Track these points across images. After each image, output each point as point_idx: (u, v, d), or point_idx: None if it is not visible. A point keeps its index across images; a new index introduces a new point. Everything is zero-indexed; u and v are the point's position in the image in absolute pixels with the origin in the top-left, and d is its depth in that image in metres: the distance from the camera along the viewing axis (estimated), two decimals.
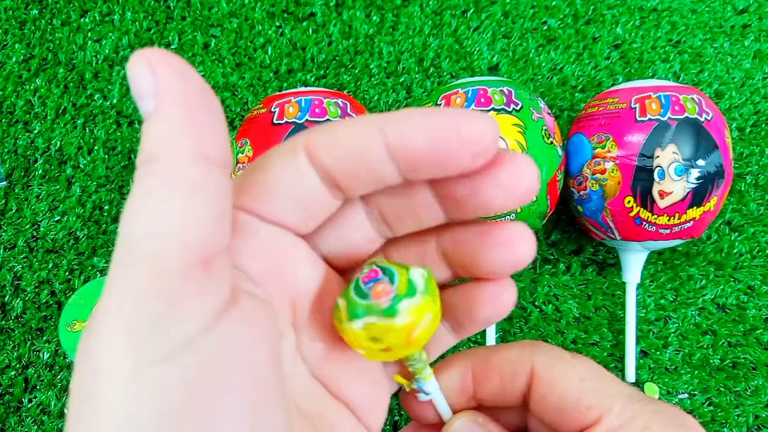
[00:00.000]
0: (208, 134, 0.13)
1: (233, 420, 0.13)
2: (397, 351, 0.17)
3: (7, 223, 0.39)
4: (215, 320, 0.13)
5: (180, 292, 0.12)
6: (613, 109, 0.33)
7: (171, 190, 0.12)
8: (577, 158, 0.34)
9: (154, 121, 0.13)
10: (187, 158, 0.13)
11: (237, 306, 0.14)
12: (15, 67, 0.41)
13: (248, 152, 0.32)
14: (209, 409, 0.12)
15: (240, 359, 0.13)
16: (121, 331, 0.12)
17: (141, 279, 0.12)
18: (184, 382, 0.12)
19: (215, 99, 0.13)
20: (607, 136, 0.32)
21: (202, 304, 0.13)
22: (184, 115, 0.13)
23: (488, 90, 0.32)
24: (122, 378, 0.12)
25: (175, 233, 0.12)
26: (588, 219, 0.34)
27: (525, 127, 0.31)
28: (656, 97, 0.32)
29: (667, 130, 0.31)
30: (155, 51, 0.12)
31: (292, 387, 0.17)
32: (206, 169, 0.13)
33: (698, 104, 0.32)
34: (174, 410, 0.12)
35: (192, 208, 0.12)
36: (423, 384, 0.20)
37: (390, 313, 0.17)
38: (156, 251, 0.12)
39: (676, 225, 0.32)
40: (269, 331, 0.15)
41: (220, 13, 0.42)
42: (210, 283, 0.13)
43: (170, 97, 0.12)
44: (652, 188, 0.31)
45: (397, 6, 0.43)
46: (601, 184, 0.33)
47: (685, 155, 0.31)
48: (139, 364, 0.12)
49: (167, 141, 0.13)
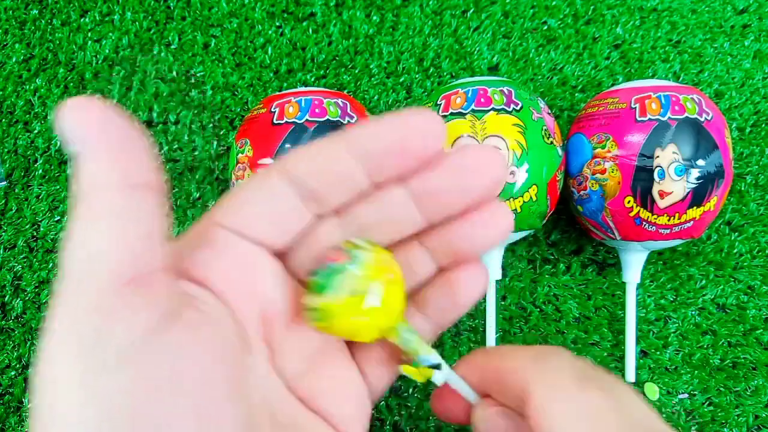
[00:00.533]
0: (132, 164, 0.15)
1: (176, 426, 0.14)
2: (365, 324, 0.18)
3: (7, 223, 0.39)
4: (152, 332, 0.14)
5: (114, 308, 0.14)
6: (613, 109, 0.33)
7: (98, 219, 0.14)
8: (577, 158, 0.34)
9: (82, 161, 0.14)
10: (112, 188, 0.14)
11: (178, 319, 0.15)
12: (15, 67, 0.41)
13: (248, 152, 0.32)
14: (151, 415, 0.13)
15: (180, 369, 0.14)
16: (66, 346, 0.13)
17: (78, 300, 0.14)
18: (126, 390, 0.13)
19: (138, 132, 0.15)
20: (607, 136, 0.32)
21: (137, 318, 0.14)
22: (106, 152, 0.14)
23: (488, 90, 0.32)
24: (70, 387, 0.13)
25: (103, 257, 0.14)
26: (588, 219, 0.34)
27: (525, 127, 0.31)
28: (656, 97, 0.32)
29: (667, 130, 0.31)
30: (80, 101, 0.14)
31: (266, 399, 0.18)
32: (132, 195, 0.14)
33: (698, 104, 0.32)
34: (118, 416, 0.13)
35: (118, 233, 0.14)
36: (427, 358, 0.19)
37: (321, 289, 0.17)
38: (89, 274, 0.14)
39: (676, 225, 0.32)
40: (219, 344, 0.16)
41: (220, 13, 0.42)
42: (144, 299, 0.14)
43: (94, 139, 0.14)
44: (652, 188, 0.31)
45: (397, 6, 0.43)
46: (601, 184, 0.33)
47: (685, 155, 0.31)
48: (85, 374, 0.13)
49: (94, 176, 0.14)
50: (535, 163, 0.31)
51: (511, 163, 0.31)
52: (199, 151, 0.40)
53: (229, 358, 0.16)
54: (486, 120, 0.31)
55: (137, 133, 0.15)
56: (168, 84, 0.41)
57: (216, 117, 0.41)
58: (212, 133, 0.40)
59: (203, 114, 0.41)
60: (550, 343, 0.37)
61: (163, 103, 0.41)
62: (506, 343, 0.37)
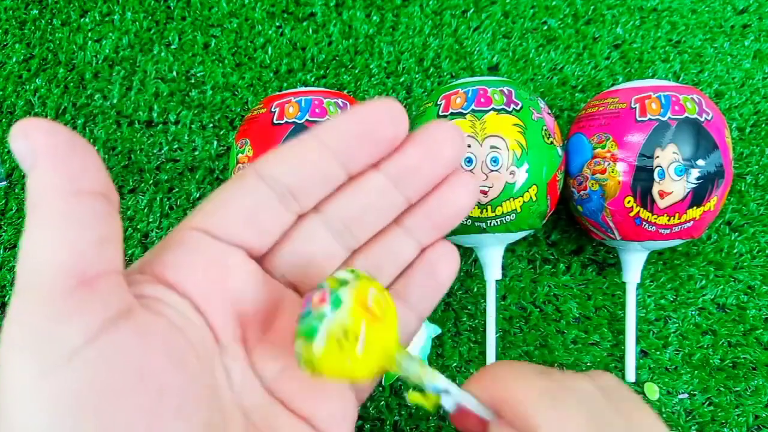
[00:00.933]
0: (78, 172, 0.15)
1: (126, 424, 0.14)
2: (359, 367, 0.17)
3: (7, 223, 0.39)
4: (100, 333, 0.14)
5: (61, 312, 0.14)
6: (613, 109, 0.33)
7: (46, 226, 0.14)
8: (577, 158, 0.34)
9: (31, 175, 0.15)
10: (58, 195, 0.15)
11: (130, 320, 0.15)
12: (15, 67, 0.41)
13: (248, 152, 0.32)
14: (101, 413, 0.14)
15: (131, 368, 0.14)
16: (17, 351, 0.14)
17: (27, 305, 0.14)
18: (76, 389, 0.14)
19: (84, 143, 0.15)
20: (607, 136, 0.32)
21: (85, 319, 0.14)
22: (51, 161, 0.15)
23: (488, 90, 0.32)
24: (23, 387, 0.13)
25: (51, 262, 0.14)
26: (588, 219, 0.34)
27: (525, 127, 0.31)
28: (656, 97, 0.32)
29: (667, 130, 0.31)
30: (27, 121, 0.15)
31: (241, 401, 0.18)
32: (78, 202, 0.15)
33: (698, 104, 0.32)
34: (69, 414, 0.13)
35: (65, 238, 0.14)
36: (434, 384, 0.18)
37: (307, 336, 0.17)
38: (38, 279, 0.14)
39: (676, 225, 0.32)
40: (178, 346, 0.16)
41: (220, 13, 0.42)
42: (92, 301, 0.14)
43: (40, 150, 0.15)
44: (652, 188, 0.31)
45: (397, 6, 0.43)
46: (601, 184, 0.33)
47: (685, 155, 0.31)
48: (37, 374, 0.13)
49: (42, 187, 0.15)
50: (535, 163, 0.31)
51: (511, 163, 0.31)
52: (199, 151, 0.40)
53: (191, 360, 0.16)
54: (486, 120, 0.31)
55: (84, 144, 0.15)
56: (168, 84, 0.41)
57: (216, 117, 0.41)
58: (212, 133, 0.40)
59: (203, 114, 0.41)
60: (551, 343, 0.37)
61: (164, 103, 0.41)
62: (506, 343, 0.37)
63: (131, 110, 0.41)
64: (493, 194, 0.31)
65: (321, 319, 0.17)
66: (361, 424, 0.36)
